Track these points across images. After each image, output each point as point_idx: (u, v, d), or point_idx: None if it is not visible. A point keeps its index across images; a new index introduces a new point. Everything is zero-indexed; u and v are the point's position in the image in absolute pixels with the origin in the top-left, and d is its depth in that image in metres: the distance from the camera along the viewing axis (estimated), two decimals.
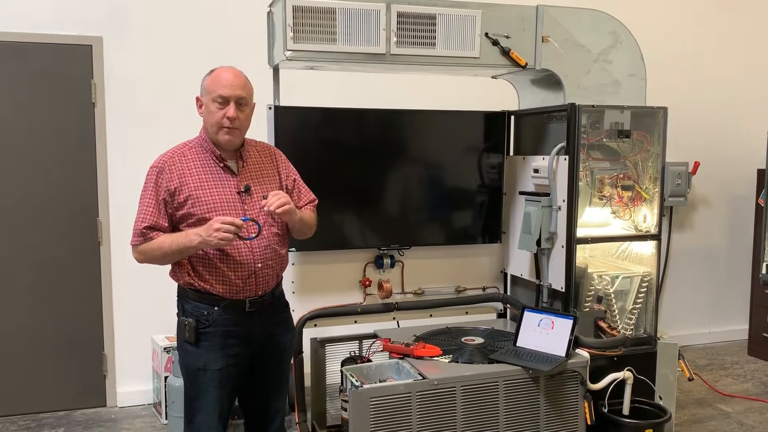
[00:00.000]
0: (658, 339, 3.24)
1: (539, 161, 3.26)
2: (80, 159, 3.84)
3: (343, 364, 3.03)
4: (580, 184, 3.08)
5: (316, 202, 2.57)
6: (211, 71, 2.32)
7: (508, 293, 3.61)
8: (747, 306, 5.14)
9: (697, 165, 4.78)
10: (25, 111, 3.74)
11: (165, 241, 2.23)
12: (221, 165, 2.32)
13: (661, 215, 3.28)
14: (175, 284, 2.37)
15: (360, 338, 3.32)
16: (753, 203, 5.08)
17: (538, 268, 3.32)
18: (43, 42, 3.71)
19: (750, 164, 5.08)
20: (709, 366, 4.74)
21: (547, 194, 3.17)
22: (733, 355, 5.01)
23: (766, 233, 4.27)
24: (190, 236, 2.19)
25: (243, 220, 2.20)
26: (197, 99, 2.35)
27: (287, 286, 2.94)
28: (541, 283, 3.28)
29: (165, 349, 3.69)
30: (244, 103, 2.30)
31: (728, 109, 5.14)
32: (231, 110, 2.26)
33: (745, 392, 4.24)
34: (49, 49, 3.73)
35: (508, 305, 3.53)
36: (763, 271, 4.25)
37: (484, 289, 3.56)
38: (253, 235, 2.26)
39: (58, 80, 3.77)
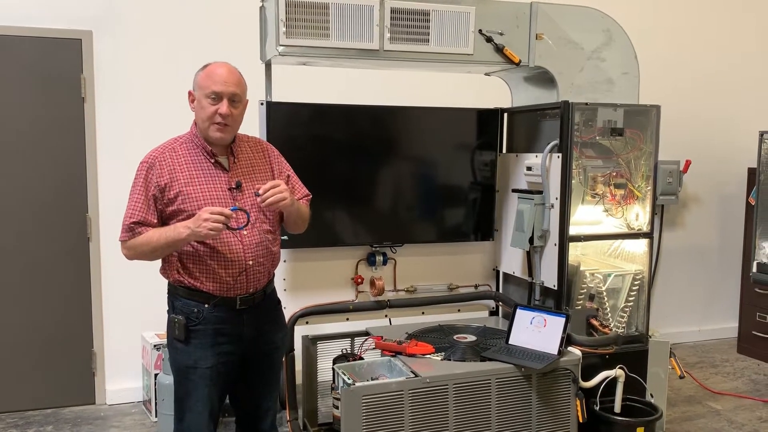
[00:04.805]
0: (650, 337, 3.24)
1: (532, 159, 3.25)
2: (69, 154, 3.80)
3: (334, 361, 3.03)
4: (573, 181, 3.08)
5: (310, 197, 2.56)
6: (205, 66, 2.30)
7: (501, 291, 3.61)
8: (737, 304, 5.17)
9: (688, 163, 4.80)
10: (13, 106, 3.70)
11: (153, 235, 2.20)
12: (212, 161, 2.29)
13: (653, 213, 3.28)
14: (165, 281, 2.35)
15: (352, 336, 3.32)
16: (744, 202, 5.10)
17: (530, 266, 3.31)
18: (32, 36, 3.66)
19: (741, 163, 5.11)
20: (699, 364, 4.76)
21: (540, 192, 3.16)
22: (723, 353, 5.03)
23: (757, 232, 4.29)
24: (178, 229, 2.17)
25: (232, 210, 2.18)
26: (189, 93, 2.32)
27: (279, 284, 2.93)
28: (534, 280, 3.28)
29: (155, 346, 3.66)
30: (237, 100, 2.27)
31: (720, 108, 5.17)
32: (224, 107, 2.23)
33: (734, 390, 4.27)
34: (37, 43, 3.69)
35: (501, 303, 3.53)
36: (754, 269, 4.28)
37: (476, 286, 3.55)
38: (242, 225, 2.23)
39: (47, 75, 3.73)
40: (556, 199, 3.10)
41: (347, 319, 3.29)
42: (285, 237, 2.58)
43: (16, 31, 3.64)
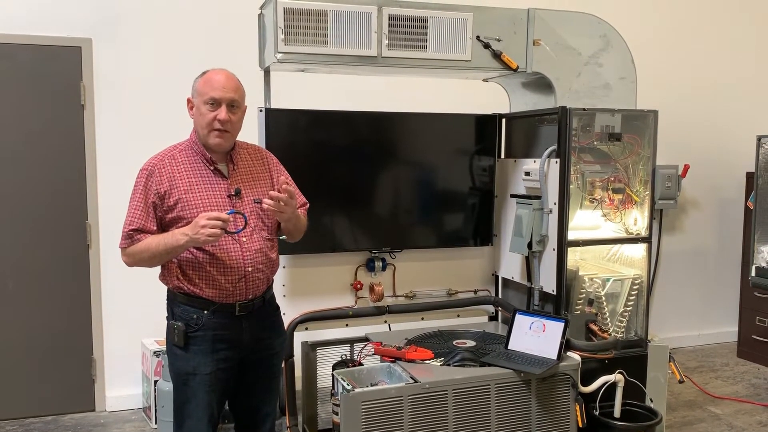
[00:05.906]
0: (649, 341, 3.25)
1: (530, 164, 3.26)
2: (69, 161, 3.81)
3: (334, 367, 3.03)
4: (571, 187, 3.09)
5: (308, 206, 2.56)
6: (203, 73, 2.31)
7: (500, 296, 3.61)
8: (736, 308, 5.17)
9: (686, 168, 4.80)
10: (14, 113, 3.71)
11: (152, 242, 2.21)
12: (211, 168, 2.30)
13: (651, 218, 3.29)
14: (165, 287, 2.35)
15: (351, 341, 3.32)
16: (742, 206, 5.11)
17: (529, 271, 3.32)
18: (32, 44, 3.68)
19: (739, 167, 5.12)
20: (699, 368, 4.76)
21: (539, 197, 3.17)
22: (723, 357, 5.03)
23: (755, 235, 4.29)
24: (176, 236, 2.17)
25: (229, 213, 2.18)
26: (188, 100, 2.33)
27: (278, 290, 2.94)
28: (533, 285, 3.29)
29: (155, 352, 3.66)
30: (236, 106, 2.29)
31: (718, 113, 5.18)
32: (223, 113, 2.24)
33: (734, 394, 4.26)
34: (37, 50, 3.70)
35: (500, 308, 3.54)
36: (753, 273, 4.28)
37: (475, 291, 3.56)
38: (240, 228, 2.24)
39: (47, 82, 3.74)
40: (555, 204, 3.10)
41: (347, 325, 3.29)
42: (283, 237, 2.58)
43: (16, 38, 3.65)
